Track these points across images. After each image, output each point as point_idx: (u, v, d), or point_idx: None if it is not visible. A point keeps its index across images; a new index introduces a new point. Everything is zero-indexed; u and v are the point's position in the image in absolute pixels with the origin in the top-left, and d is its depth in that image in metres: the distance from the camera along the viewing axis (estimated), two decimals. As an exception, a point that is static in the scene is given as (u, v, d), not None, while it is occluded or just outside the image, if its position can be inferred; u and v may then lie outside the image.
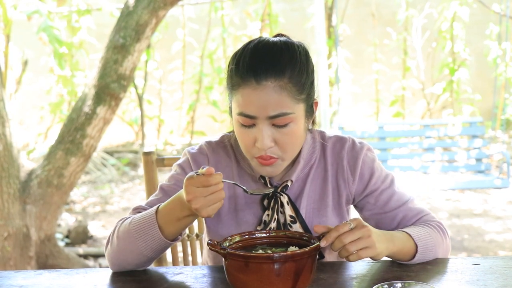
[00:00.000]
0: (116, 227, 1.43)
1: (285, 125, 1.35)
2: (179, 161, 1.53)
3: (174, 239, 1.39)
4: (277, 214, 1.46)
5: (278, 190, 1.46)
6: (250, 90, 1.32)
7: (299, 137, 1.40)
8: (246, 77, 1.33)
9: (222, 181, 1.27)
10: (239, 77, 1.34)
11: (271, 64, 1.32)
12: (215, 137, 1.56)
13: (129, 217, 1.43)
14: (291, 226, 1.45)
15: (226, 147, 1.52)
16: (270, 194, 1.46)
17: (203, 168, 1.26)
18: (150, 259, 1.40)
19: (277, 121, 1.34)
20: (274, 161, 1.38)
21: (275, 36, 1.44)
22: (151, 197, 1.51)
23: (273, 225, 1.45)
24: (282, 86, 1.32)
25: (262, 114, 1.33)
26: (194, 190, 1.25)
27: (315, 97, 1.42)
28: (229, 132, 1.55)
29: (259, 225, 1.46)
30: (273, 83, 1.32)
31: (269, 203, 1.46)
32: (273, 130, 1.35)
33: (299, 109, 1.36)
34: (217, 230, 1.51)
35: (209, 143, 1.53)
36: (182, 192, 1.30)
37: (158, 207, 1.37)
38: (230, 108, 1.41)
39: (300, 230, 1.45)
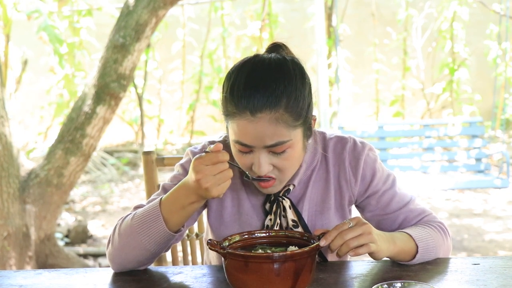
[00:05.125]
0: (116, 225, 1.42)
1: (282, 152, 1.34)
2: (181, 161, 1.53)
3: (178, 231, 1.38)
4: (280, 219, 1.45)
5: (280, 194, 1.45)
6: (245, 122, 1.30)
7: (297, 159, 1.39)
8: (240, 108, 1.30)
9: (230, 164, 1.28)
10: (234, 106, 1.31)
11: (266, 96, 1.29)
12: (217, 136, 1.56)
13: (130, 214, 1.42)
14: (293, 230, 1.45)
15: (228, 148, 1.51)
16: (272, 198, 1.46)
17: (210, 146, 1.26)
18: (153, 254, 1.38)
19: (274, 149, 1.33)
20: (272, 182, 1.39)
21: (272, 49, 1.41)
22: (153, 196, 1.51)
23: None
24: (278, 117, 1.30)
25: (258, 144, 1.32)
26: (203, 168, 1.25)
27: (313, 114, 1.40)
28: None
29: (262, 229, 1.46)
30: (268, 115, 1.29)
31: (271, 208, 1.46)
32: (271, 156, 1.35)
33: (297, 134, 1.35)
34: (220, 232, 1.50)
35: (212, 143, 1.52)
36: (188, 179, 1.29)
37: (160, 199, 1.36)
38: (227, 127, 1.40)
39: None
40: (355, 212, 1.56)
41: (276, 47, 1.42)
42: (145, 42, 3.69)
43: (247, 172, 1.37)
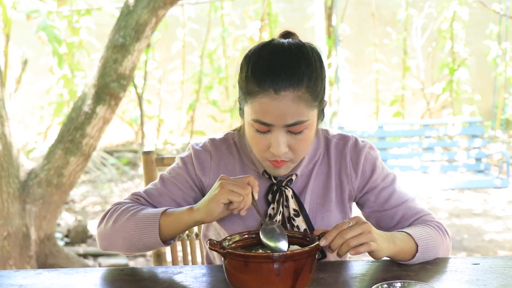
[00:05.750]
0: (112, 209, 1.47)
1: (300, 132, 1.37)
2: (183, 154, 1.56)
3: (168, 242, 1.44)
4: (282, 208, 1.48)
5: (283, 184, 1.48)
6: (268, 100, 1.33)
7: (311, 141, 1.43)
8: (264, 86, 1.33)
9: (254, 201, 1.33)
10: (256, 85, 1.34)
11: (290, 74, 1.33)
12: (219, 134, 1.59)
13: (130, 207, 1.46)
14: (294, 220, 1.47)
15: (229, 144, 1.55)
16: (275, 188, 1.48)
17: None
18: (140, 250, 1.46)
19: (293, 129, 1.36)
20: (285, 163, 1.41)
21: (285, 36, 1.44)
22: (150, 186, 1.54)
23: (278, 217, 1.47)
24: (300, 95, 1.33)
25: (279, 123, 1.34)
26: (230, 179, 1.34)
27: (324, 99, 1.44)
28: (233, 130, 1.58)
29: (264, 218, 1.47)
30: (291, 93, 1.32)
31: (273, 197, 1.48)
32: (288, 137, 1.37)
33: (313, 115, 1.38)
34: (222, 225, 1.53)
35: (212, 140, 1.56)
36: (195, 206, 1.37)
37: (165, 210, 1.41)
38: (241, 109, 1.43)
39: (303, 223, 1.47)
40: (355, 210, 1.56)
41: (288, 35, 1.45)
42: (145, 42, 3.69)
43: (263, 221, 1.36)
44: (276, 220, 1.46)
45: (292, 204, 1.47)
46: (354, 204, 1.59)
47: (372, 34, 8.30)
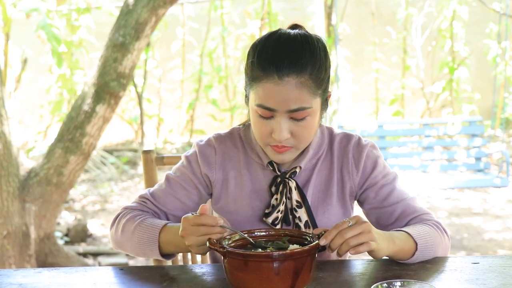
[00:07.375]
0: (121, 214, 1.52)
1: (302, 119, 1.39)
2: (187, 153, 1.57)
3: (170, 257, 1.49)
4: (285, 199, 1.49)
5: (287, 176, 1.50)
6: (272, 85, 1.36)
7: (314, 129, 1.45)
8: (268, 72, 1.36)
9: (223, 227, 1.31)
10: (261, 70, 1.37)
11: (294, 60, 1.36)
12: (223, 131, 1.61)
13: (136, 216, 1.49)
14: (296, 211, 1.49)
15: (234, 138, 1.57)
16: (279, 180, 1.49)
17: (194, 213, 1.33)
18: (144, 256, 1.50)
19: (296, 115, 1.38)
20: (288, 149, 1.43)
21: (293, 28, 1.46)
22: (156, 187, 1.57)
23: (281, 208, 1.49)
24: (303, 82, 1.36)
25: (282, 108, 1.37)
26: (188, 227, 1.31)
27: (329, 90, 1.47)
28: (239, 125, 1.60)
29: (267, 208, 1.50)
30: (294, 79, 1.36)
31: (277, 189, 1.50)
32: (290, 123, 1.40)
33: (316, 103, 1.41)
34: (224, 217, 1.54)
35: (218, 135, 1.58)
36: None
37: (166, 224, 1.44)
38: (247, 96, 1.46)
39: (304, 215, 1.49)
40: (356, 210, 1.57)
41: (296, 26, 1.48)
42: (144, 41, 3.69)
43: (252, 241, 1.35)
44: (279, 210, 1.48)
45: (295, 196, 1.49)
46: (355, 203, 1.59)
47: (371, 33, 8.29)
